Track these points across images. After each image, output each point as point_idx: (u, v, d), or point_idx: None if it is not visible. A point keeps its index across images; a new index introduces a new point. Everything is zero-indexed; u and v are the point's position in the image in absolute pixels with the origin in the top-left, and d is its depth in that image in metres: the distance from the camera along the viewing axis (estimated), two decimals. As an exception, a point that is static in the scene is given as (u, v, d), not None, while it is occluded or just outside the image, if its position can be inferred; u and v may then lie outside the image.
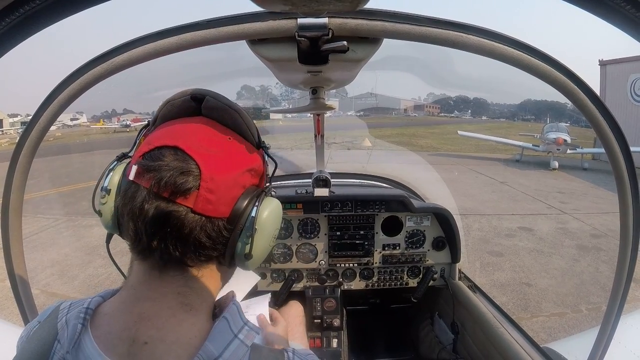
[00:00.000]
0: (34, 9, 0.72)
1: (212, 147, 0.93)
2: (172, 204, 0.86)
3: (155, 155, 0.89)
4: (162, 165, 0.87)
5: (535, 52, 1.13)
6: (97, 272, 8.41)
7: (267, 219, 0.99)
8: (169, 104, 1.02)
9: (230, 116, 1.00)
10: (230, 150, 0.96)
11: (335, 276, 3.41)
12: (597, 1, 0.77)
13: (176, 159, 0.88)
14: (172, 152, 0.89)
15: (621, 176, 1.37)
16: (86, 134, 58.06)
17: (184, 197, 0.86)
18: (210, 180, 0.88)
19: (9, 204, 1.57)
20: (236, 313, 0.99)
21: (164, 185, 0.85)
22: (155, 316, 0.89)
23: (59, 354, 0.88)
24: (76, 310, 0.93)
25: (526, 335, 2.49)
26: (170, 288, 0.92)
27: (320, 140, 3.04)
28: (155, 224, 0.86)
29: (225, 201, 0.92)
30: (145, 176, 0.87)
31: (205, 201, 0.88)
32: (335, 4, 0.73)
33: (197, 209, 0.87)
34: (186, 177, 0.86)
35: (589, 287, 7.80)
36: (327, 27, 1.02)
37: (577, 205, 14.59)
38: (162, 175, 0.86)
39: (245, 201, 0.95)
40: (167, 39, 1.11)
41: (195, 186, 0.87)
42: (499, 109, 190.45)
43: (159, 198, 0.86)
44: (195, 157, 0.88)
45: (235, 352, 0.90)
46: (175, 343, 0.88)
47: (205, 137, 0.94)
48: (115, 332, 0.89)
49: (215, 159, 0.91)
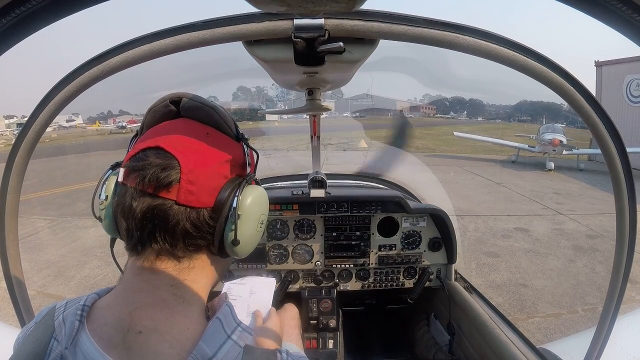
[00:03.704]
0: (30, 10, 0.71)
1: (191, 143, 0.99)
2: (157, 198, 0.92)
3: (140, 157, 0.96)
4: (146, 164, 0.93)
5: (531, 53, 1.13)
6: (93, 273, 8.39)
7: (250, 205, 1.05)
8: (152, 112, 1.09)
9: (206, 113, 1.06)
10: (208, 144, 1.01)
11: (331, 277, 3.41)
12: (592, 2, 0.77)
13: (158, 157, 0.94)
14: (154, 151, 0.95)
15: (617, 177, 1.37)
16: (82, 136, 58.05)
17: (167, 191, 0.92)
18: (190, 172, 0.94)
19: (5, 205, 1.56)
20: (229, 314, 1.01)
21: (148, 182, 0.92)
22: (149, 307, 0.93)
23: (56, 350, 0.91)
24: (73, 308, 0.96)
25: (522, 336, 2.50)
26: (162, 280, 0.97)
27: (316, 141, 3.04)
28: (143, 219, 0.93)
29: (208, 191, 0.98)
30: (131, 176, 0.94)
31: (188, 192, 0.94)
32: (331, 5, 0.73)
33: (181, 200, 0.93)
34: (167, 171, 0.92)
35: (585, 287, 7.81)
36: (323, 28, 1.02)
37: (573, 206, 14.63)
38: (145, 173, 0.92)
39: (227, 190, 1.01)
40: (163, 40, 1.11)
41: (176, 179, 0.93)
42: (495, 110, 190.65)
43: (144, 194, 0.92)
44: (174, 154, 0.94)
45: (228, 353, 0.92)
46: (168, 333, 0.91)
47: (184, 135, 1.00)
48: (110, 324, 0.92)
49: (194, 153, 0.97)
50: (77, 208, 14.19)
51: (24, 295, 1.76)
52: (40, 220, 12.74)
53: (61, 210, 14.17)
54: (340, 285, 3.42)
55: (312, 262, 3.33)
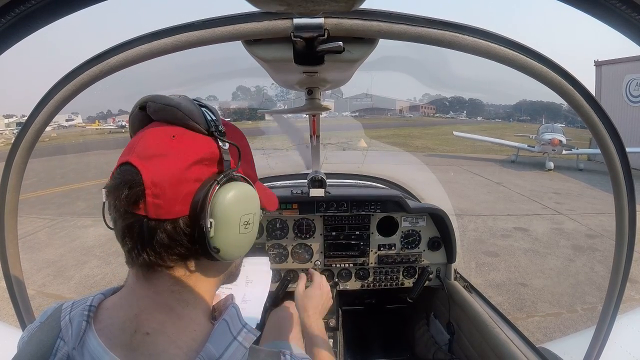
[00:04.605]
0: (29, 10, 0.71)
1: (155, 151, 0.93)
2: (131, 215, 0.91)
3: (116, 174, 0.94)
4: (118, 183, 0.91)
5: (530, 53, 1.13)
6: (93, 273, 8.39)
7: (226, 206, 0.97)
8: (130, 119, 1.06)
9: (170, 113, 0.99)
10: (173, 148, 0.94)
11: (330, 276, 3.40)
12: (592, 1, 0.77)
13: (127, 173, 0.91)
14: (126, 167, 0.93)
15: (617, 177, 1.37)
16: (82, 135, 57.95)
17: (137, 207, 0.90)
18: (154, 186, 0.90)
19: (5, 204, 1.57)
20: (235, 316, 1.02)
21: (121, 201, 0.90)
22: (155, 311, 0.94)
23: (62, 350, 0.92)
24: (80, 309, 0.96)
25: (522, 335, 2.50)
26: (162, 287, 0.97)
27: (315, 140, 3.04)
28: (125, 236, 0.93)
29: (179, 200, 0.92)
30: (110, 196, 0.93)
31: (155, 206, 0.90)
32: (330, 4, 0.73)
33: (151, 214, 0.90)
34: (133, 189, 0.89)
35: (585, 287, 7.82)
36: (323, 27, 1.02)
37: (573, 206, 14.63)
38: (118, 192, 0.90)
39: (201, 194, 0.94)
40: (163, 39, 1.11)
41: (141, 195, 0.89)
42: (495, 110, 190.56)
43: (121, 213, 0.92)
44: (139, 167, 0.91)
45: (234, 354, 0.93)
46: (175, 335, 0.93)
47: (151, 142, 0.95)
48: (117, 324, 0.93)
49: (157, 163, 0.92)
50: (77, 207, 14.20)
51: (23, 295, 1.76)
52: (40, 219, 12.73)
53: (60, 209, 14.17)
54: (339, 285, 3.41)
55: (312, 262, 3.33)
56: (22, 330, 1.20)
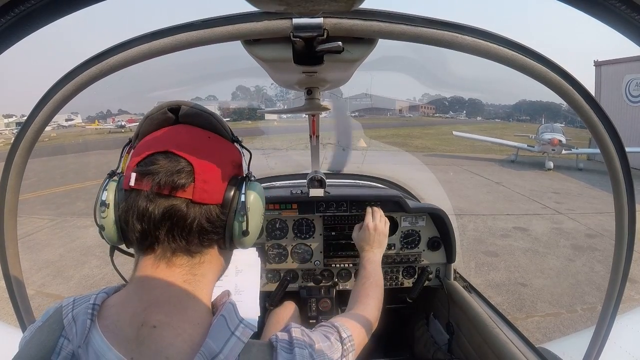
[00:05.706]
0: (29, 9, 0.71)
1: (197, 145, 1.06)
2: (173, 198, 0.99)
3: (149, 161, 1.02)
4: (158, 168, 1.00)
5: (530, 53, 1.13)
6: (92, 273, 8.40)
7: (254, 199, 1.14)
8: (149, 119, 1.15)
9: (205, 119, 1.14)
10: (212, 146, 1.11)
11: (330, 276, 3.40)
12: (592, 1, 0.77)
13: (169, 160, 1.01)
14: (164, 155, 1.02)
15: (616, 176, 1.37)
16: (81, 135, 57.96)
17: (182, 191, 0.99)
18: (203, 172, 1.03)
19: (4, 204, 1.56)
20: (232, 311, 1.06)
21: (163, 185, 0.98)
22: (164, 303, 0.99)
23: (66, 349, 0.94)
24: (83, 307, 0.98)
25: (521, 336, 2.49)
26: (176, 277, 1.03)
27: (315, 140, 3.04)
28: (162, 220, 0.99)
29: (217, 189, 1.06)
30: (144, 181, 0.99)
31: (202, 191, 1.02)
32: (330, 4, 0.73)
33: (196, 198, 1.01)
34: (181, 173, 1.00)
35: (584, 287, 7.83)
36: (322, 27, 1.02)
37: (572, 206, 14.65)
38: (159, 176, 0.98)
39: (233, 187, 1.10)
40: (162, 39, 1.11)
41: (191, 180, 1.00)
42: (494, 110, 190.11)
43: (160, 196, 0.99)
44: (185, 156, 1.02)
45: (232, 349, 0.97)
46: (181, 327, 0.97)
47: (189, 138, 1.08)
48: (123, 320, 0.96)
49: (202, 154, 1.05)
50: (76, 207, 14.22)
51: (23, 295, 1.75)
52: (40, 219, 12.73)
53: (60, 209, 14.18)
54: (339, 285, 3.41)
55: (311, 262, 3.32)
56: (21, 330, 1.21)
